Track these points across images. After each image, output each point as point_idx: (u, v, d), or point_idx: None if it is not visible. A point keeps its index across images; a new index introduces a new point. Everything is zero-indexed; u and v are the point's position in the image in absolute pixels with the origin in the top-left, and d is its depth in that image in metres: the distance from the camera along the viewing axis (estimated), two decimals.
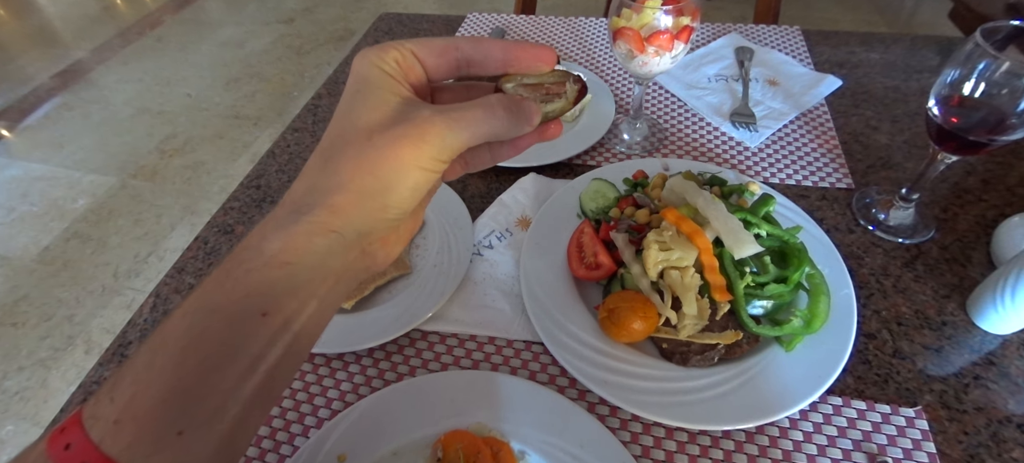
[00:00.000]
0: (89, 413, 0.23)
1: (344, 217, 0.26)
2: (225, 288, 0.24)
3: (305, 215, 0.25)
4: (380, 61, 0.27)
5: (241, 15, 2.93)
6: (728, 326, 0.43)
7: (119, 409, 0.22)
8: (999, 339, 0.46)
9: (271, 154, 0.70)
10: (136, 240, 1.75)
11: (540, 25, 0.92)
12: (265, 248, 0.25)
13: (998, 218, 0.55)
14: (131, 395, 0.23)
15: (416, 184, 0.26)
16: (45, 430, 0.44)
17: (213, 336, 0.24)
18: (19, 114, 2.31)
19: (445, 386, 0.43)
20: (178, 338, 0.24)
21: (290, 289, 0.25)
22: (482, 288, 0.51)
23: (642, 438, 0.41)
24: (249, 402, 0.24)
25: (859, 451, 0.40)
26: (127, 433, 0.22)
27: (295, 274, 0.25)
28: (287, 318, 0.25)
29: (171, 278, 0.55)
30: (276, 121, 2.19)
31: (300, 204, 0.26)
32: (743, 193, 0.51)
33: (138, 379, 0.23)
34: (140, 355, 0.24)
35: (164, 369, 0.23)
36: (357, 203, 0.26)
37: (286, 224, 0.25)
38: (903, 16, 2.57)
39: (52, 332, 1.51)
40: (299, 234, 0.25)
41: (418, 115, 0.26)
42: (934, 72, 0.76)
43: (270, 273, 0.25)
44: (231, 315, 0.24)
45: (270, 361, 0.25)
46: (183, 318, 0.24)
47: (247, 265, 0.25)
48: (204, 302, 0.24)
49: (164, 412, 0.23)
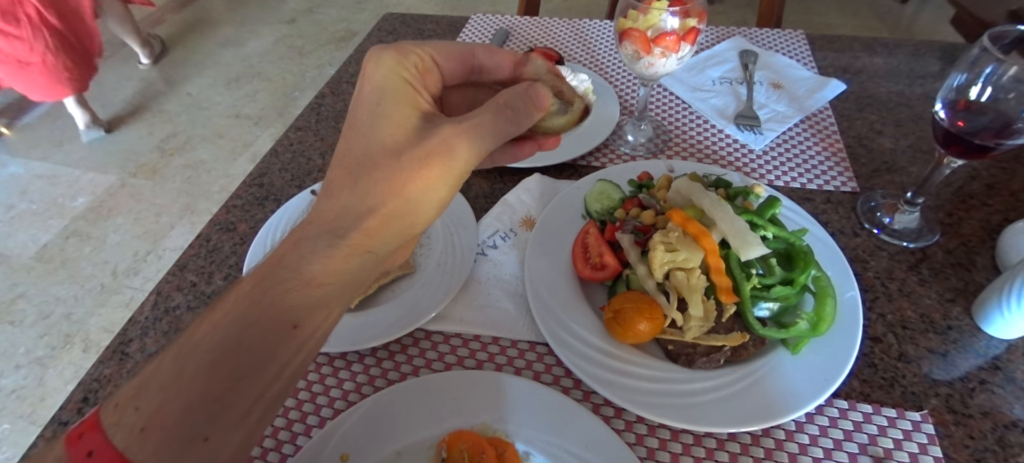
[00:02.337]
0: (110, 420, 0.23)
1: (377, 239, 0.26)
2: (262, 305, 0.25)
3: (342, 240, 0.26)
4: (400, 67, 0.26)
5: (243, 15, 2.93)
6: (734, 328, 0.43)
7: (146, 418, 0.23)
8: (1004, 344, 0.46)
9: (274, 153, 0.70)
10: (135, 239, 1.74)
11: (544, 26, 0.92)
12: (304, 271, 0.25)
13: (1002, 223, 0.54)
14: (159, 403, 0.23)
15: (442, 200, 0.27)
16: (44, 429, 0.44)
17: (248, 347, 0.24)
18: (19, 111, 2.30)
19: (449, 386, 0.42)
20: (211, 349, 0.24)
21: (321, 305, 0.26)
22: (486, 288, 0.51)
23: (647, 440, 0.41)
24: (270, 403, 0.25)
25: (865, 455, 0.39)
26: (154, 440, 0.22)
27: (329, 294, 0.26)
28: (314, 328, 0.26)
29: (173, 275, 0.55)
30: (277, 121, 2.19)
31: (335, 226, 0.26)
32: (748, 195, 0.51)
33: (166, 387, 0.24)
34: (166, 363, 0.24)
35: (194, 379, 0.24)
36: (388, 225, 0.26)
37: (324, 248, 0.26)
38: (903, 22, 2.58)
39: (50, 330, 1.50)
40: (337, 258, 0.26)
41: (442, 132, 0.26)
42: (937, 77, 0.76)
43: (309, 293, 0.25)
44: (266, 330, 0.25)
45: (294, 366, 0.26)
46: (214, 330, 0.25)
47: (286, 285, 0.25)
48: (240, 316, 0.25)
49: (193, 419, 0.23)
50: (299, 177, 0.66)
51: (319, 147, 0.70)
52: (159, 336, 0.50)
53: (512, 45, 0.87)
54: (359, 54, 0.88)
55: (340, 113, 0.76)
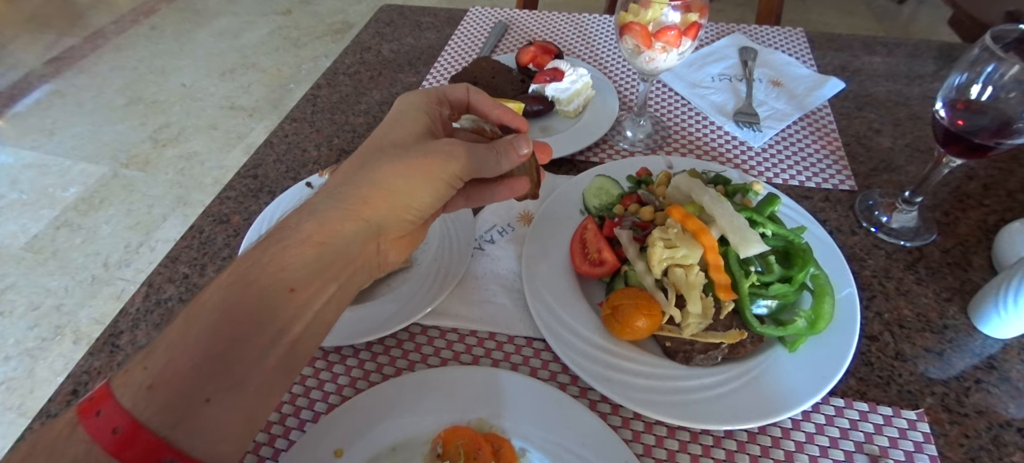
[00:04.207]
0: (119, 382, 0.24)
1: (373, 208, 0.30)
2: (261, 262, 0.27)
3: (340, 202, 0.29)
4: (419, 98, 0.34)
5: (238, 5, 2.90)
6: (732, 325, 0.43)
7: (153, 375, 0.24)
8: (1000, 343, 0.46)
9: (269, 144, 0.69)
10: (127, 230, 1.72)
11: (543, 20, 0.91)
12: (302, 227, 0.28)
13: (999, 223, 0.55)
14: (166, 361, 0.24)
15: (438, 193, 0.31)
16: (32, 422, 0.43)
17: (246, 306, 0.26)
18: (9, 100, 2.27)
19: (445, 381, 0.42)
20: (213, 308, 0.26)
21: (318, 270, 0.28)
22: (483, 283, 0.51)
23: (644, 437, 0.41)
24: (268, 375, 0.26)
25: (861, 453, 0.39)
26: (160, 398, 0.23)
27: (324, 254, 0.28)
28: (310, 296, 0.27)
29: (165, 267, 0.54)
30: (272, 113, 2.17)
31: (335, 192, 0.30)
32: (747, 192, 0.51)
33: (173, 346, 0.25)
34: (174, 326, 0.25)
35: (199, 337, 0.25)
36: (386, 198, 0.30)
37: (322, 208, 0.29)
38: (900, 22, 2.59)
39: (40, 322, 1.48)
40: (333, 218, 0.29)
41: (447, 140, 0.32)
42: (936, 77, 0.76)
43: (305, 251, 0.27)
44: (264, 288, 0.26)
45: (292, 335, 0.27)
46: (217, 290, 0.26)
47: (284, 242, 0.27)
48: (241, 275, 0.27)
49: (196, 378, 0.24)
50: (294, 169, 0.65)
51: (314, 139, 0.69)
52: (150, 328, 0.49)
53: (511, 39, 0.87)
54: (355, 46, 0.87)
55: (336, 105, 0.75)
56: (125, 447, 0.22)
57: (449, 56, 0.83)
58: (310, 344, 0.28)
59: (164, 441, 0.22)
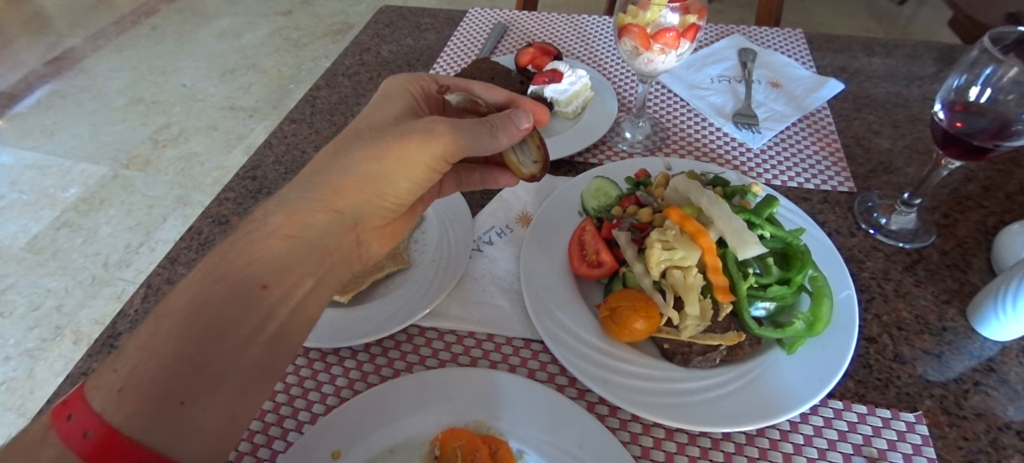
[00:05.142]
0: (91, 384, 0.23)
1: (345, 198, 0.28)
2: (229, 258, 0.25)
3: (309, 192, 0.27)
4: (406, 80, 0.31)
5: (238, 5, 2.90)
6: (730, 327, 0.43)
7: (123, 378, 0.23)
8: (999, 346, 0.46)
9: (268, 145, 0.69)
10: (127, 230, 1.72)
11: (542, 21, 0.91)
12: (270, 221, 0.26)
13: (998, 225, 0.55)
14: (134, 364, 0.23)
15: (416, 178, 0.29)
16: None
17: (216, 303, 0.24)
18: (10, 100, 2.27)
19: (442, 383, 0.42)
20: (183, 307, 0.24)
21: (289, 264, 0.26)
22: (481, 284, 0.51)
23: (642, 439, 0.41)
24: (247, 374, 0.25)
25: (859, 456, 0.39)
26: (130, 402, 0.22)
27: (295, 248, 0.26)
28: (285, 292, 0.26)
29: (163, 268, 0.54)
30: (272, 114, 2.17)
31: (305, 182, 0.28)
32: (746, 194, 0.51)
33: (142, 347, 0.24)
34: (144, 327, 0.24)
35: (168, 337, 0.24)
36: (358, 186, 0.28)
37: (290, 199, 0.27)
38: (900, 23, 2.58)
39: (40, 322, 1.49)
40: (302, 209, 0.27)
41: (428, 118, 0.29)
42: (935, 79, 0.76)
43: (274, 244, 0.26)
44: (233, 284, 0.25)
45: (268, 333, 0.25)
46: (186, 288, 0.25)
47: (252, 235, 0.26)
48: (209, 271, 0.25)
49: (167, 381, 0.23)
50: (293, 170, 0.65)
51: (314, 140, 0.69)
52: None
53: (510, 40, 0.87)
54: (355, 47, 0.87)
55: (335, 106, 0.75)
56: (97, 451, 0.21)
57: (448, 57, 0.83)
58: (291, 342, 0.27)
59: (138, 444, 0.22)
